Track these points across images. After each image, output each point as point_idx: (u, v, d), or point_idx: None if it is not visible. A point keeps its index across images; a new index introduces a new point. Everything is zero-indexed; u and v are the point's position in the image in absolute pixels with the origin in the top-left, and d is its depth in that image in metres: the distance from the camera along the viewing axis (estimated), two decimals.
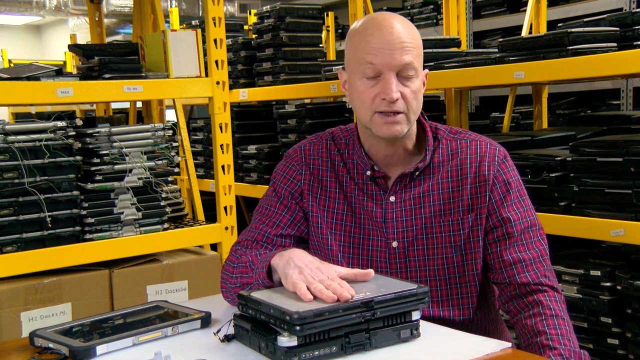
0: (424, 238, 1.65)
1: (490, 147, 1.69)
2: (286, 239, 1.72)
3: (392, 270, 1.66)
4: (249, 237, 1.73)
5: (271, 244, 1.70)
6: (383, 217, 1.66)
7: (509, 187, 1.66)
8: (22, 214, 2.36)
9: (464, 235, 1.64)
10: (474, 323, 1.69)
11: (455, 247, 1.64)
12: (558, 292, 1.63)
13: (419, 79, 1.61)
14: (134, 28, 3.45)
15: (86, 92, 2.51)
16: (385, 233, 1.66)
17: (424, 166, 1.67)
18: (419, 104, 1.62)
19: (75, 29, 8.40)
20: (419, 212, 1.66)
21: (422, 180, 1.67)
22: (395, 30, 1.57)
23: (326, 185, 1.72)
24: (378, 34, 1.58)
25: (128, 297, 2.51)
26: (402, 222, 1.66)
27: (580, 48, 2.45)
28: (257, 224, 1.74)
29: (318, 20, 4.21)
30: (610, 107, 4.62)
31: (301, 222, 1.73)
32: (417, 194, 1.66)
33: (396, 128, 1.60)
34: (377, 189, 1.68)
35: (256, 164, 3.98)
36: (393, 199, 1.67)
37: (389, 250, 1.66)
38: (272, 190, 1.77)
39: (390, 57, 1.56)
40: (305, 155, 1.75)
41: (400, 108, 1.58)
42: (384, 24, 1.59)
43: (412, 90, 1.59)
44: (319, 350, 1.32)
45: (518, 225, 1.64)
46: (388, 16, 1.61)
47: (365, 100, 1.61)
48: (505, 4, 5.46)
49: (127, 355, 1.42)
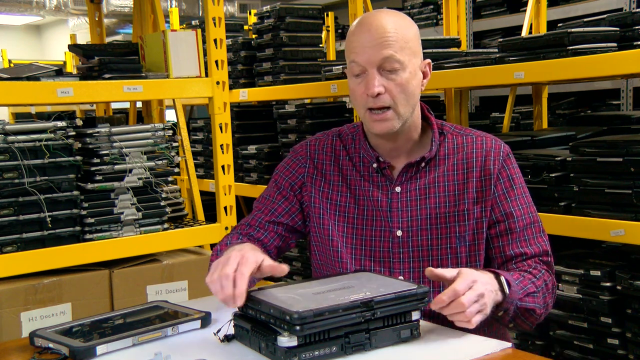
0: (429, 228, 1.67)
1: (495, 143, 1.73)
2: (278, 226, 1.77)
3: (395, 259, 1.68)
4: (244, 222, 1.81)
5: (263, 229, 1.77)
6: (388, 206, 1.69)
7: (512, 183, 1.70)
8: (22, 214, 2.35)
9: (469, 226, 1.67)
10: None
11: (460, 238, 1.67)
12: (551, 273, 1.68)
13: (406, 70, 1.62)
14: (134, 28, 3.45)
15: (86, 92, 2.51)
16: (390, 222, 1.68)
17: (430, 157, 1.70)
18: (409, 95, 1.64)
19: (75, 29, 8.40)
20: (424, 202, 1.68)
21: (428, 171, 1.70)
22: (375, 26, 1.61)
23: (329, 178, 1.76)
24: (359, 33, 1.63)
25: (128, 297, 2.51)
26: (407, 211, 1.68)
27: (580, 48, 2.45)
28: (254, 211, 1.82)
29: (318, 20, 4.21)
30: (610, 107, 4.62)
31: (296, 213, 1.78)
32: (423, 185, 1.69)
33: (386, 125, 1.63)
34: (383, 179, 1.71)
35: (256, 164, 3.98)
36: (399, 189, 1.70)
37: (393, 240, 1.68)
38: (273, 181, 1.83)
39: (369, 53, 1.60)
40: (310, 150, 1.81)
41: (385, 102, 1.61)
42: (366, 21, 1.63)
43: (398, 83, 1.61)
44: (319, 350, 1.32)
45: (521, 221, 1.68)
46: (375, 14, 1.65)
47: (356, 97, 1.66)
48: (505, 4, 5.46)
49: (127, 355, 1.42)
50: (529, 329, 1.66)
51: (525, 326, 1.63)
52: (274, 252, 1.78)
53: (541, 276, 1.64)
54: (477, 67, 2.77)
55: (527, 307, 1.58)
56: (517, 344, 2.74)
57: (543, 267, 1.67)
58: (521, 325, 1.62)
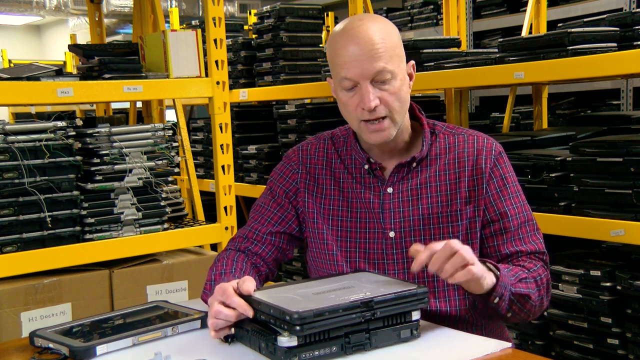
0: (422, 229, 1.67)
1: (487, 142, 1.72)
2: (275, 237, 1.77)
3: (389, 260, 1.68)
4: (242, 234, 1.79)
5: (261, 242, 1.76)
6: (380, 207, 1.69)
7: (505, 182, 1.70)
8: (22, 214, 2.36)
9: (462, 226, 1.66)
10: (472, 322, 1.69)
11: (453, 238, 1.65)
12: (546, 269, 1.68)
13: (397, 78, 1.62)
14: (134, 28, 3.45)
15: (86, 92, 2.51)
16: (382, 223, 1.68)
17: (421, 157, 1.69)
18: (403, 102, 1.64)
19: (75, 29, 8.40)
20: (417, 203, 1.68)
21: (420, 172, 1.70)
22: (363, 39, 1.59)
23: (322, 183, 1.76)
24: (346, 46, 1.60)
25: (128, 297, 2.51)
26: (400, 212, 1.68)
27: (580, 48, 2.45)
28: (250, 221, 1.81)
29: (318, 20, 4.21)
30: (610, 107, 4.62)
31: (292, 220, 1.77)
32: (415, 186, 1.69)
33: (383, 134, 1.63)
34: (374, 180, 1.71)
35: (256, 164, 3.98)
36: (391, 190, 1.69)
37: (386, 241, 1.68)
38: (268, 188, 1.83)
39: (361, 68, 1.58)
40: (303, 155, 1.80)
41: (381, 113, 1.61)
42: (352, 33, 1.60)
43: (391, 92, 1.61)
44: (319, 350, 1.32)
45: (515, 220, 1.68)
46: (358, 24, 1.62)
47: (349, 110, 1.65)
48: (505, 4, 5.46)
49: (127, 355, 1.42)
50: (527, 319, 1.65)
51: (523, 315, 1.62)
52: (272, 265, 1.78)
53: (535, 269, 1.65)
54: (477, 67, 2.77)
55: (521, 293, 1.58)
56: (517, 344, 2.74)
57: (538, 262, 1.67)
58: (519, 314, 1.61)
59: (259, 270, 1.74)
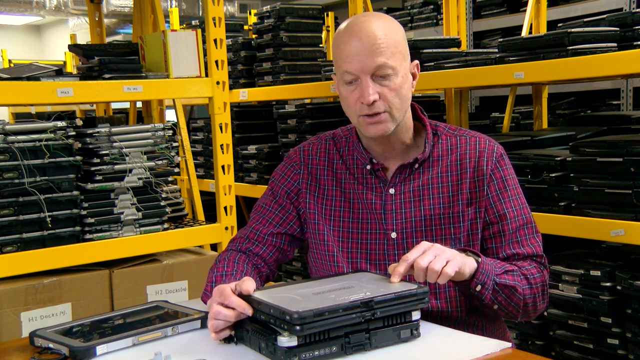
0: (424, 230, 1.67)
1: (489, 144, 1.72)
2: (277, 238, 1.77)
3: (390, 261, 1.67)
4: (243, 234, 1.79)
5: (262, 243, 1.76)
6: (382, 208, 1.69)
7: (506, 184, 1.70)
8: (22, 214, 2.35)
9: (463, 228, 1.66)
10: (473, 322, 1.69)
11: (455, 240, 1.66)
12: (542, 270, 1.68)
13: (399, 75, 1.62)
14: (134, 28, 3.45)
15: (86, 92, 2.51)
16: (384, 224, 1.68)
17: (423, 158, 1.69)
18: (403, 99, 1.64)
19: (75, 29, 8.40)
20: (419, 204, 1.68)
21: (422, 173, 1.70)
22: (365, 34, 1.59)
23: (324, 183, 1.76)
24: (349, 41, 1.61)
25: (128, 297, 2.51)
26: (402, 213, 1.68)
27: (580, 48, 2.45)
28: (251, 221, 1.81)
29: (318, 20, 4.21)
30: (610, 107, 4.62)
31: (294, 220, 1.77)
32: (417, 187, 1.69)
33: (381, 127, 1.63)
34: (376, 181, 1.71)
35: (256, 164, 3.98)
36: (393, 191, 1.69)
37: (388, 242, 1.68)
38: (269, 189, 1.83)
39: (362, 62, 1.59)
40: (304, 156, 1.80)
41: (380, 109, 1.61)
42: (355, 29, 1.61)
43: (392, 89, 1.61)
44: (319, 350, 1.32)
45: (514, 223, 1.68)
46: (362, 20, 1.63)
47: (349, 105, 1.65)
48: (505, 4, 5.46)
49: (127, 355, 1.42)
50: (518, 315, 1.64)
51: (512, 309, 1.61)
52: (273, 265, 1.78)
53: (529, 268, 1.64)
54: (477, 67, 2.77)
55: (506, 284, 1.57)
56: (517, 344, 2.74)
57: (533, 263, 1.67)
58: (507, 307, 1.60)
59: (259, 271, 1.74)
